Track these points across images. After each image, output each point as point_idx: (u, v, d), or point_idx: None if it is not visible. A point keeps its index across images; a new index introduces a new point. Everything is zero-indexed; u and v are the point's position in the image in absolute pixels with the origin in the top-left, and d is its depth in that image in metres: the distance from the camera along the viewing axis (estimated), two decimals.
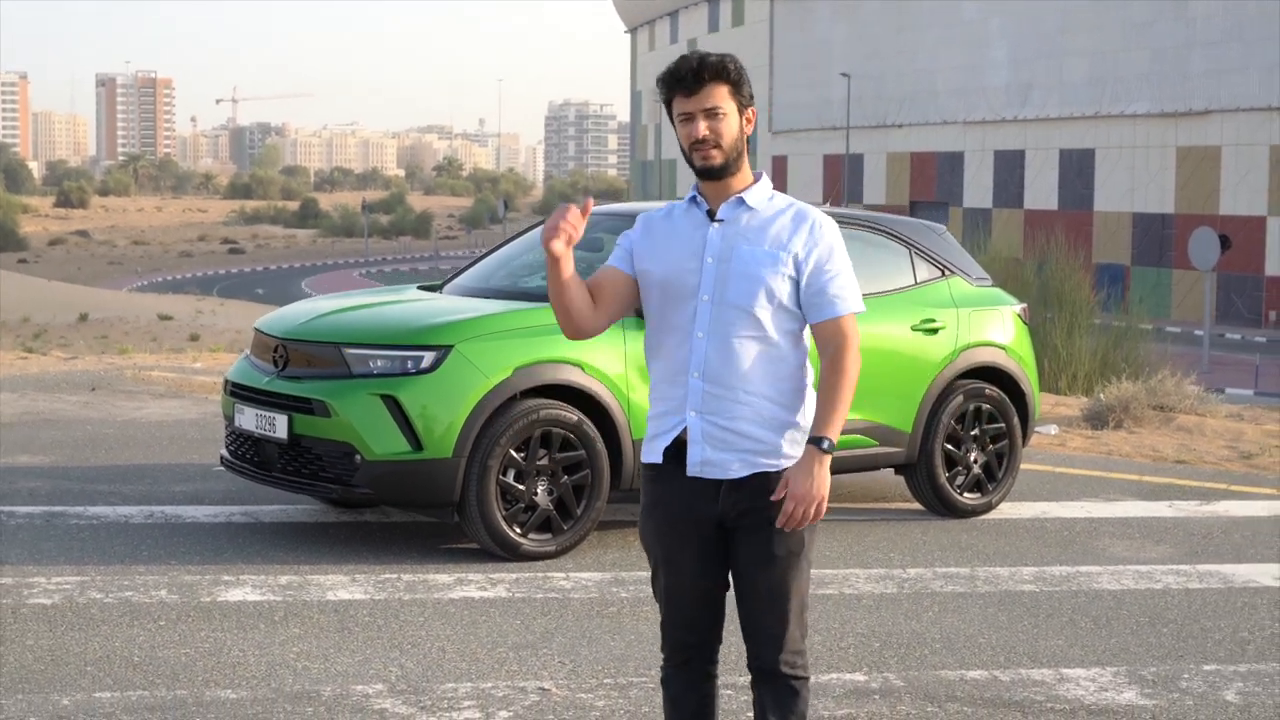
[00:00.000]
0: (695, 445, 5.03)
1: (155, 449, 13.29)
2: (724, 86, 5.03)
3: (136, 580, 8.85)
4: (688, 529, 5.08)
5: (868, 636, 8.18)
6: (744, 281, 5.02)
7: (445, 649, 7.75)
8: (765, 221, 5.09)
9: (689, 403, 5.03)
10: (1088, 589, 9.36)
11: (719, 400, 5.01)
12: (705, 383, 5.02)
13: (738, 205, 5.10)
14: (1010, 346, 11.69)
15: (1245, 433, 16.20)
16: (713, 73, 5.02)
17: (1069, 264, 30.01)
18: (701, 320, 5.03)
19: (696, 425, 5.02)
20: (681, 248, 5.10)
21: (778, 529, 4.97)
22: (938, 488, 11.27)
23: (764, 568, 5.04)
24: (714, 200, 5.12)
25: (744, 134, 5.08)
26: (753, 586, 5.08)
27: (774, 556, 5.02)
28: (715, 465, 5.02)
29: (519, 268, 11.33)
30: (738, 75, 5.06)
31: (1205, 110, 69.77)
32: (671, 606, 5.20)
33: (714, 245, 5.07)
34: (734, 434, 5.00)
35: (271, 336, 10.11)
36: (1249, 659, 8.01)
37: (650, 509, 5.17)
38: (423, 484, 9.39)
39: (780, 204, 5.14)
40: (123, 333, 56.37)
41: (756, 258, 5.03)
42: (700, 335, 5.02)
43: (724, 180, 5.08)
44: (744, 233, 5.07)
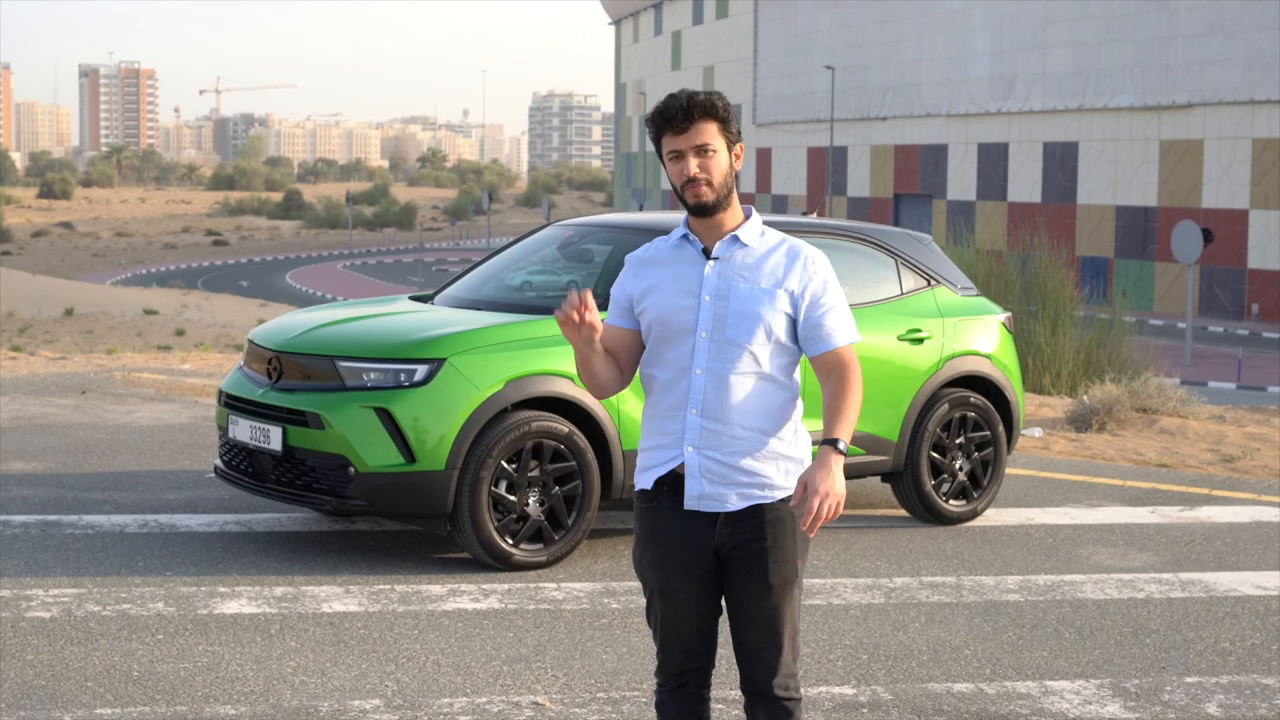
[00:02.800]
0: (693, 480, 5.13)
1: (147, 455, 13.38)
2: (713, 124, 5.10)
3: (133, 592, 8.96)
4: (688, 559, 5.17)
5: (855, 649, 8.31)
6: (743, 319, 5.10)
7: (440, 663, 7.86)
8: (760, 259, 5.18)
9: (687, 438, 5.13)
10: (1072, 599, 9.49)
11: (717, 436, 5.11)
12: (703, 419, 5.11)
13: (732, 243, 5.18)
14: (995, 355, 11.83)
15: (1227, 435, 16.35)
16: (701, 110, 5.08)
17: (1053, 260, 30.13)
18: (700, 357, 5.11)
19: (694, 460, 5.12)
20: (678, 285, 5.17)
21: (772, 554, 5.12)
22: (924, 495, 11.40)
23: (759, 596, 5.16)
24: (706, 238, 5.20)
25: (733, 170, 5.16)
26: (748, 614, 5.19)
27: (769, 585, 5.14)
28: (713, 499, 5.13)
29: (510, 279, 11.44)
30: (725, 112, 5.12)
31: (1188, 103, 69.97)
32: (669, 635, 5.29)
33: (711, 283, 5.14)
34: (731, 468, 5.11)
35: (266, 349, 10.21)
36: (1230, 670, 8.15)
37: (647, 540, 5.25)
38: (416, 496, 9.51)
39: (772, 240, 5.23)
40: (108, 327, 56.41)
41: (755, 295, 5.11)
42: (699, 372, 5.12)
43: (715, 217, 5.16)
44: (740, 270, 5.16)
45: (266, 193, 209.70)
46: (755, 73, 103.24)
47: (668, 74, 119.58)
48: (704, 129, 5.09)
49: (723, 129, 5.11)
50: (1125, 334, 28.34)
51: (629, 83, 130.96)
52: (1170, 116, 71.25)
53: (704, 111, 5.09)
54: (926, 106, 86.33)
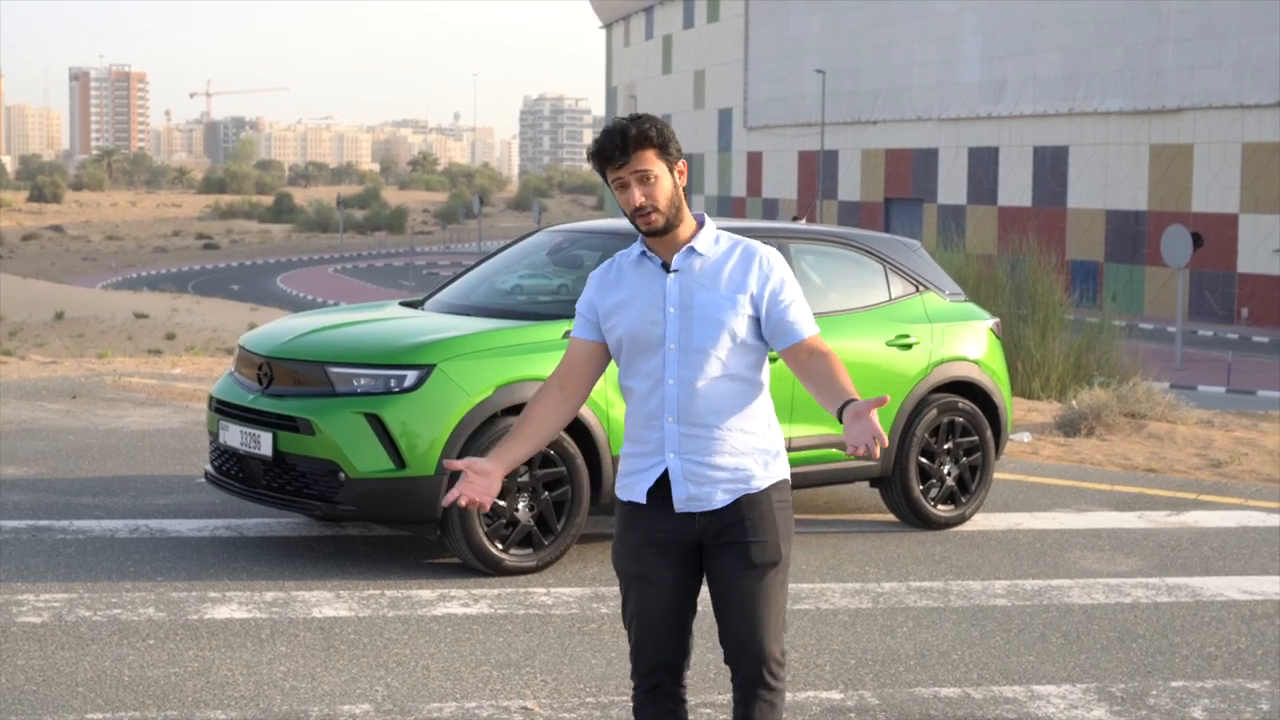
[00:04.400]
0: (679, 484, 5.30)
1: (138, 459, 13.41)
2: (650, 151, 5.25)
3: (124, 597, 8.99)
4: (668, 546, 5.34)
5: (843, 653, 8.35)
6: (707, 326, 5.28)
7: (430, 667, 7.90)
8: (717, 265, 5.35)
9: (667, 445, 5.31)
10: (1059, 603, 9.54)
11: (696, 440, 5.29)
12: (680, 425, 5.29)
13: (689, 254, 5.35)
14: (983, 361, 11.88)
15: (1215, 440, 16.41)
16: (637, 142, 5.23)
17: (1042, 265, 30.18)
18: (671, 367, 5.29)
19: (677, 466, 5.29)
20: (643, 301, 5.34)
21: (756, 540, 5.29)
22: (912, 500, 11.45)
23: (743, 579, 5.29)
24: (664, 253, 5.37)
25: (678, 188, 5.31)
26: (733, 599, 5.32)
27: (753, 566, 5.28)
28: (700, 499, 5.29)
29: (500, 284, 11.48)
30: (661, 138, 5.27)
31: (1178, 107, 70.08)
32: (644, 629, 5.40)
33: (674, 295, 5.32)
34: (713, 468, 5.29)
35: (256, 354, 10.25)
36: (1216, 675, 8.19)
37: (627, 532, 5.41)
38: (406, 501, 9.55)
39: (725, 244, 5.40)
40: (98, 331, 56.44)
41: (716, 303, 5.29)
42: (671, 382, 5.29)
43: (669, 234, 5.32)
44: (699, 279, 5.33)
45: (257, 196, 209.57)
46: (746, 76, 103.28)
47: (659, 77, 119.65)
48: (642, 157, 5.24)
49: (660, 154, 5.27)
50: (1115, 338, 28.38)
51: (620, 86, 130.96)
52: (1160, 120, 71.37)
53: (639, 142, 5.24)
54: (917, 110, 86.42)
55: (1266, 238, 66.39)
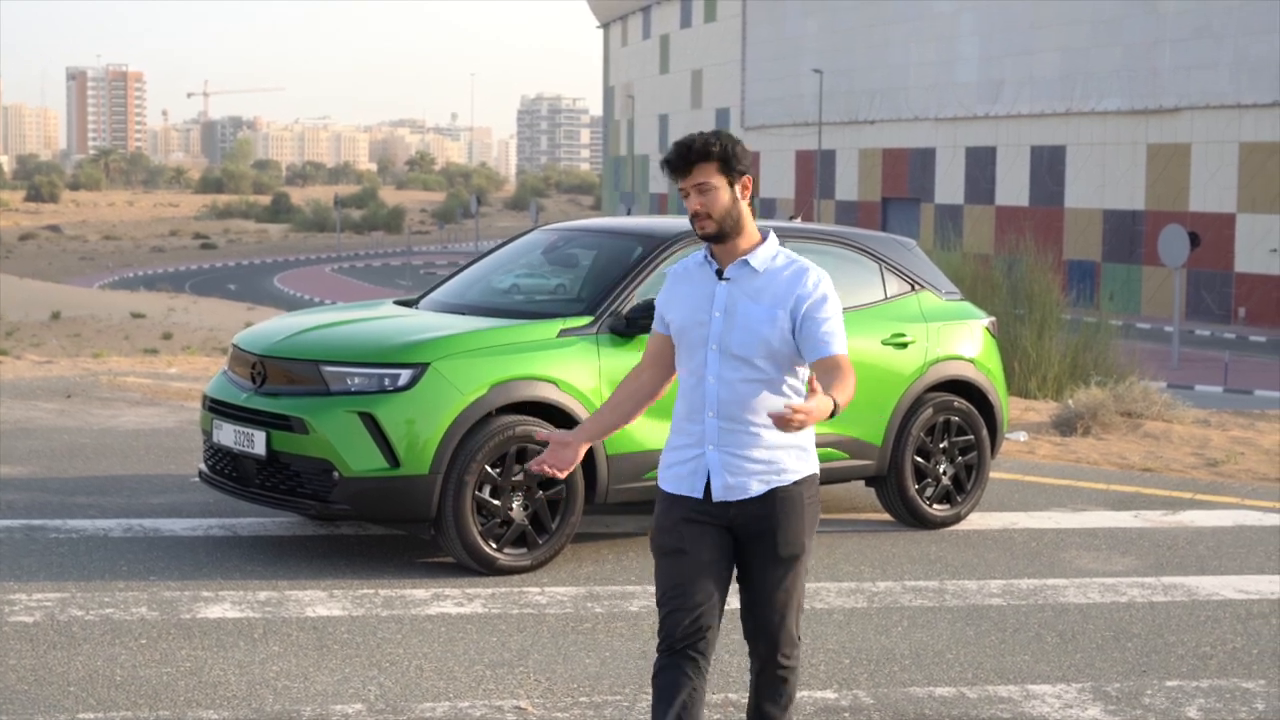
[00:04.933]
0: (717, 474, 5.69)
1: (132, 459, 13.39)
2: (711, 164, 5.66)
3: (117, 596, 8.96)
4: (705, 526, 5.70)
5: (838, 653, 8.33)
6: (744, 335, 5.66)
7: (423, 667, 7.87)
8: (767, 280, 5.72)
9: (707, 438, 5.71)
10: (1054, 603, 9.52)
11: (733, 434, 5.68)
12: (720, 420, 5.68)
13: (742, 266, 5.73)
14: (979, 360, 11.85)
15: (1212, 439, 16.39)
16: (699, 155, 5.66)
17: (1039, 264, 30.17)
18: (712, 366, 5.70)
19: (715, 458, 5.69)
20: (695, 301, 5.78)
21: (781, 533, 5.68)
22: (907, 499, 11.43)
23: (767, 569, 5.72)
24: (723, 260, 5.78)
25: (738, 201, 5.71)
26: (758, 586, 5.74)
27: (779, 559, 5.71)
28: (736, 489, 5.68)
29: (495, 283, 11.45)
30: (724, 152, 5.66)
31: (1175, 107, 70.11)
32: (675, 599, 5.68)
33: (721, 301, 5.72)
34: (748, 460, 5.68)
35: (250, 353, 10.22)
36: (1211, 674, 8.17)
37: (666, 513, 5.77)
38: (400, 500, 9.52)
39: (781, 262, 5.76)
40: (95, 331, 56.39)
41: (757, 315, 5.67)
42: (711, 380, 5.70)
43: (727, 243, 5.74)
44: (747, 291, 5.71)
45: (254, 196, 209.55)
46: (743, 76, 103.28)
47: (656, 77, 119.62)
48: (703, 169, 5.67)
49: (722, 167, 5.68)
50: (1112, 338, 28.38)
51: (617, 86, 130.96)
52: (1158, 120, 71.39)
53: (700, 155, 5.66)
54: (914, 110, 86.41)
55: (1264, 237, 66.40)
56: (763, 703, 5.86)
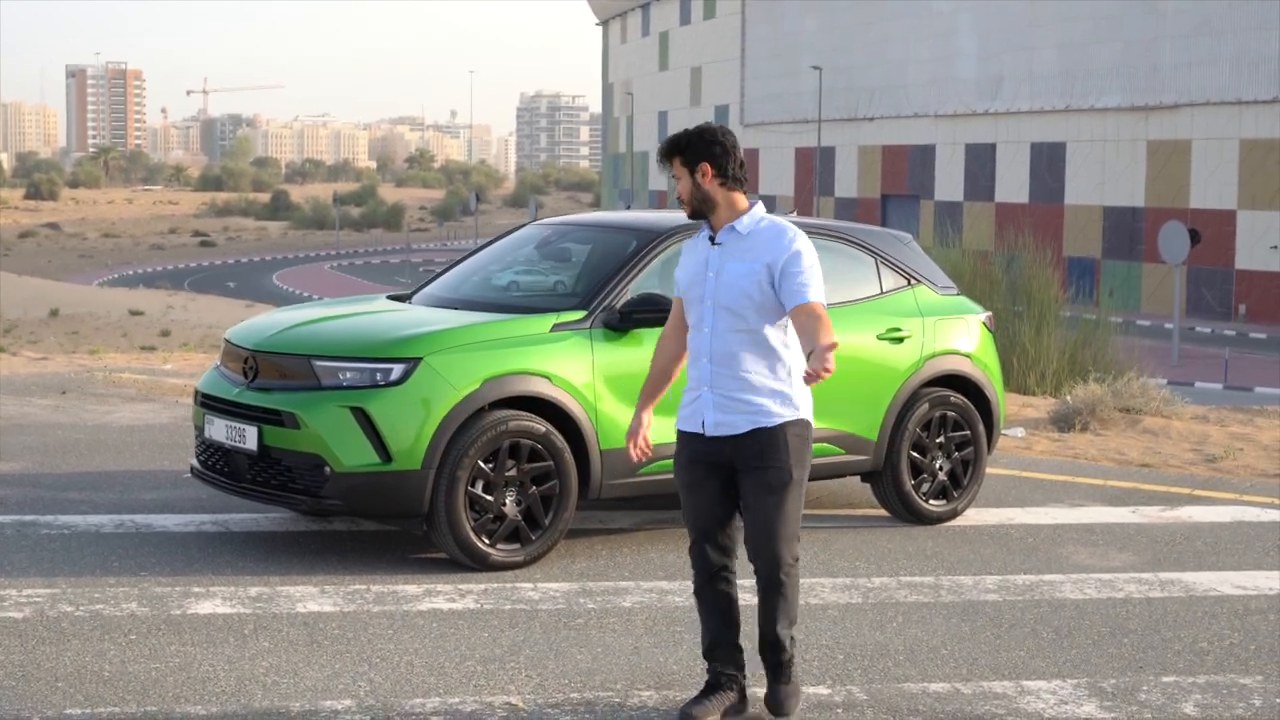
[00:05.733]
0: (709, 411, 6.81)
1: (125, 455, 13.33)
2: (677, 157, 6.86)
3: (107, 592, 8.90)
4: (711, 466, 6.86)
5: (832, 648, 8.27)
6: (731, 290, 6.75)
7: (414, 663, 7.81)
8: (751, 241, 6.80)
9: (703, 381, 6.83)
10: (1050, 599, 9.46)
11: (723, 378, 6.78)
12: (713, 365, 6.80)
13: (730, 231, 6.85)
14: (975, 354, 11.78)
15: (1210, 435, 16.33)
16: (666, 151, 6.90)
17: (1038, 261, 30.09)
18: (707, 319, 6.82)
19: (709, 397, 6.82)
20: (696, 265, 6.93)
21: (770, 465, 6.70)
22: (904, 495, 11.36)
23: (760, 497, 6.75)
24: (715, 228, 6.90)
25: (700, 186, 6.83)
26: (752, 512, 6.80)
27: (769, 488, 6.73)
28: (726, 425, 6.78)
29: (488, 277, 11.39)
30: (684, 145, 6.85)
31: (1175, 104, 70.06)
32: (697, 528, 6.95)
33: (714, 263, 6.84)
34: (736, 401, 6.76)
35: (242, 348, 10.16)
36: (1208, 670, 8.11)
37: (681, 451, 6.97)
38: (392, 496, 9.46)
39: (764, 225, 6.84)
40: (93, 328, 56.34)
41: (740, 272, 6.74)
42: (707, 330, 6.82)
43: (710, 217, 6.89)
44: (734, 252, 6.80)
45: (254, 193, 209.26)
46: (743, 73, 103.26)
47: (655, 74, 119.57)
48: (674, 165, 6.90)
49: (683, 160, 6.84)
50: (1110, 334, 28.31)
51: (617, 83, 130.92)
52: (1158, 117, 71.35)
53: (669, 151, 6.90)
54: (914, 107, 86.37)
55: (1264, 234, 66.33)
56: (768, 617, 6.92)
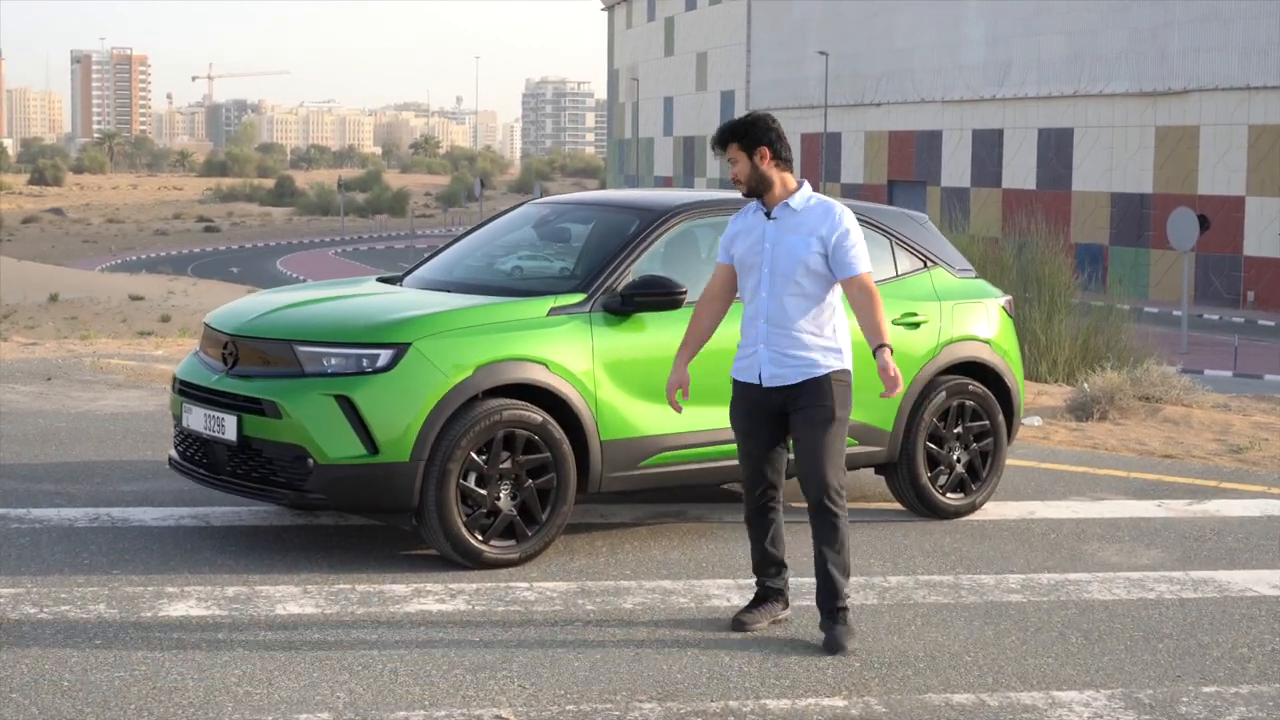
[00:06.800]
0: (765, 366, 7.82)
1: (107, 444, 12.79)
2: (734, 142, 7.85)
3: (75, 593, 8.36)
4: (764, 412, 7.88)
5: (847, 655, 7.72)
6: (788, 259, 7.76)
7: (398, 671, 7.26)
8: (802, 217, 7.82)
9: (759, 339, 7.82)
10: (1078, 599, 8.91)
11: (778, 336, 7.78)
12: (768, 325, 7.80)
13: (784, 208, 7.87)
14: (994, 341, 11.23)
15: (1234, 424, 15.78)
16: (725, 136, 7.90)
17: (1049, 246, 29.61)
18: (764, 284, 7.81)
19: (765, 354, 7.81)
20: (752, 236, 7.89)
21: (817, 405, 7.73)
22: (919, 488, 10.81)
23: (809, 431, 7.74)
24: (769, 205, 7.90)
25: (759, 166, 7.82)
26: (801, 445, 7.79)
27: (814, 423, 7.73)
28: (779, 377, 7.79)
29: (483, 259, 10.84)
30: (742, 130, 7.85)
31: (1184, 89, 69.47)
32: (751, 466, 7.98)
33: (770, 235, 7.83)
34: (789, 356, 7.77)
35: (221, 332, 9.60)
36: (1250, 679, 7.56)
37: (738, 401, 7.98)
38: (379, 489, 8.89)
39: (814, 203, 7.86)
40: (93, 314, 55.87)
41: (795, 245, 7.76)
42: (764, 294, 7.81)
43: (765, 195, 7.88)
44: (788, 226, 7.82)
45: (259, 179, 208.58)
46: (748, 59, 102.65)
47: (660, 60, 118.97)
48: (731, 149, 7.88)
49: (741, 144, 7.83)
50: (1123, 321, 27.81)
51: (622, 69, 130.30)
52: (1166, 103, 70.73)
53: (724, 136, 7.90)
54: (921, 93, 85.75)
55: (1273, 220, 65.74)
56: (820, 543, 7.83)
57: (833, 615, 7.82)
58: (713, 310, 8.06)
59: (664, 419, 9.60)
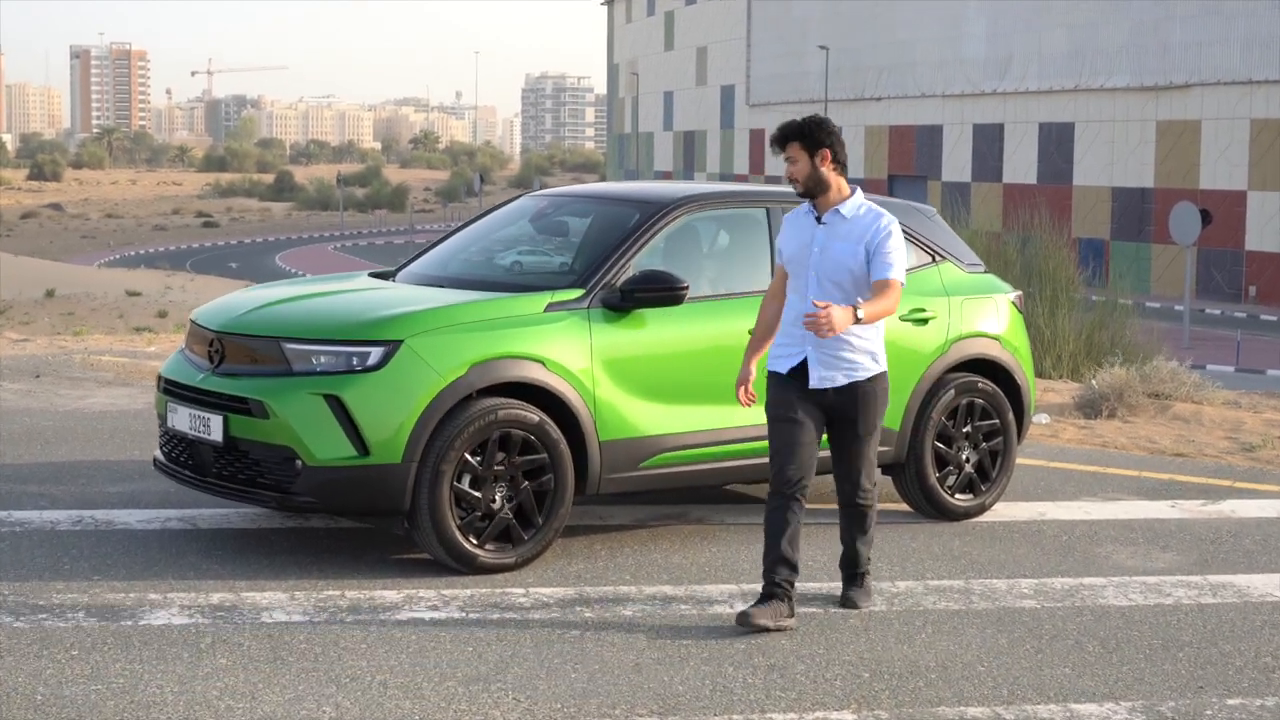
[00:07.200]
0: (814, 368, 7.96)
1: (95, 443, 12.48)
2: (796, 142, 7.98)
3: (54, 600, 8.05)
4: (804, 408, 7.99)
5: (855, 665, 7.42)
6: (834, 265, 7.94)
7: (388, 683, 6.95)
8: (851, 224, 7.99)
9: (807, 340, 7.93)
10: (1093, 605, 8.60)
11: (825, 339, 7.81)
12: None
13: (835, 214, 8.04)
14: (1004, 337, 10.92)
15: (1245, 422, 15.47)
16: (788, 134, 8.02)
17: (1052, 240, 29.33)
18: (811, 287, 7.96)
19: (814, 355, 7.96)
20: (802, 238, 8.06)
21: (861, 416, 8.04)
22: (927, 489, 10.51)
23: (852, 439, 8.11)
24: (820, 209, 8.07)
25: (818, 168, 7.97)
26: (845, 450, 8.16)
27: (859, 433, 8.08)
28: (828, 379, 7.98)
29: (478, 253, 10.53)
30: (805, 132, 7.99)
31: (1185, 84, 69.09)
32: (785, 453, 7.96)
33: (819, 239, 8.00)
34: (836, 358, 7.96)
35: (207, 329, 9.29)
36: (1276, 690, 7.25)
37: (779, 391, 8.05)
38: (370, 492, 8.58)
39: (864, 211, 8.03)
40: (89, 309, 55.55)
41: (842, 251, 7.94)
42: (810, 297, 7.86)
43: (817, 198, 8.04)
44: (837, 233, 7.99)
45: (258, 174, 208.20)
46: (748, 53, 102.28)
47: (660, 54, 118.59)
48: (791, 146, 8.01)
49: (803, 145, 7.97)
50: (1128, 316, 27.54)
51: (622, 64, 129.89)
52: (1167, 97, 70.38)
53: (789, 135, 8.01)
54: (921, 87, 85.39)
55: (1275, 215, 65.40)
56: (851, 531, 8.30)
57: (853, 579, 8.42)
58: (773, 308, 8.24)
59: (665, 419, 9.31)
